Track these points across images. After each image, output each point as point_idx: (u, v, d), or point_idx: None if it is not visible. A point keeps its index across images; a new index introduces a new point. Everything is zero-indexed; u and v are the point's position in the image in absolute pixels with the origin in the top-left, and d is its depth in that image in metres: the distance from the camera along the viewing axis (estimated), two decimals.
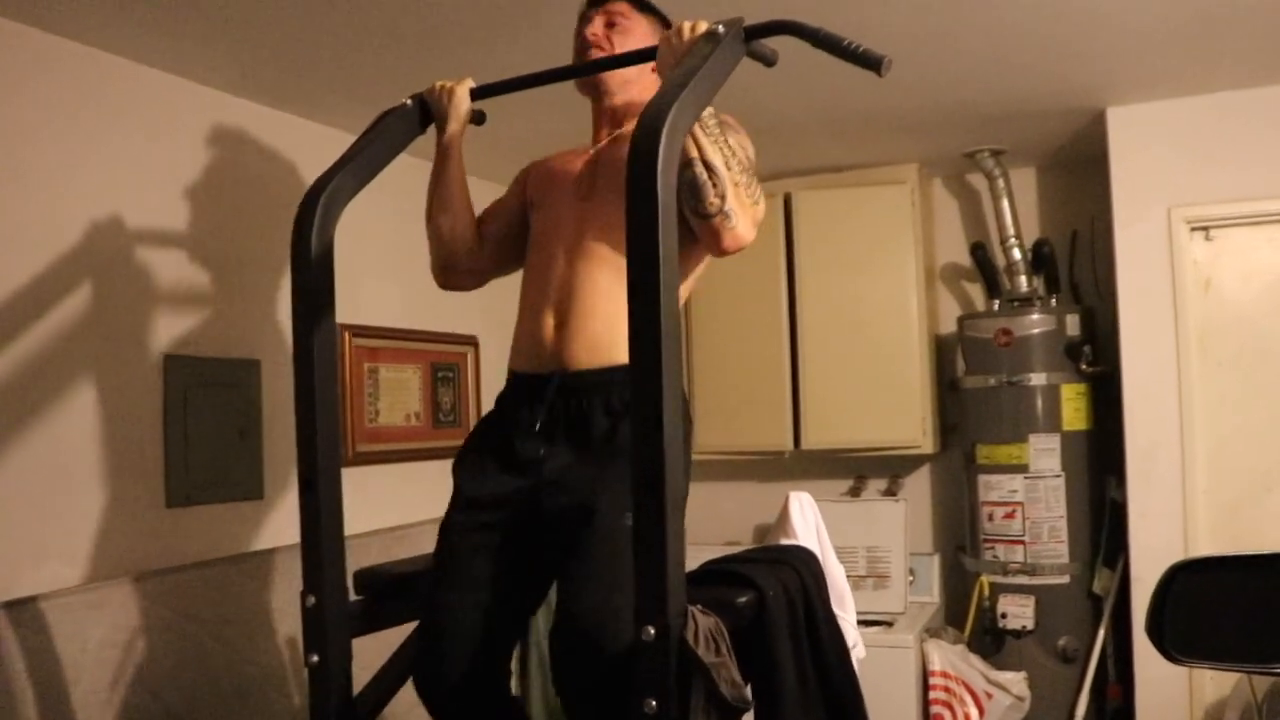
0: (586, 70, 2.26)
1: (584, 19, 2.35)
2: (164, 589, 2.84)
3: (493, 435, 2.25)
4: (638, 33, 2.28)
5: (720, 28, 1.90)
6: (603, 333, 2.11)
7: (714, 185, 1.95)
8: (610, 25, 2.29)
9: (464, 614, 2.15)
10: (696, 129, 1.93)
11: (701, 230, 2.02)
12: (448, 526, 2.23)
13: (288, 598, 3.10)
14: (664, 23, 2.32)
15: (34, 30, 2.68)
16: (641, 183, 1.60)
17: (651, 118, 1.65)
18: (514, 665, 3.13)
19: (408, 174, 2.53)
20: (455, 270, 2.44)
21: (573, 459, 2.11)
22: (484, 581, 2.15)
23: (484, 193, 2.55)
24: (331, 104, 3.38)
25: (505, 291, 2.54)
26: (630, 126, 2.05)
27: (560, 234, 2.24)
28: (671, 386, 1.60)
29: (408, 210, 2.56)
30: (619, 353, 1.88)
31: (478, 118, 2.40)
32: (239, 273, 3.21)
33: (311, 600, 2.05)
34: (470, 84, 2.35)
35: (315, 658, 2.04)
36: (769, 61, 2.02)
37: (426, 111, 2.37)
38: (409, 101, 2.36)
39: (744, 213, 2.02)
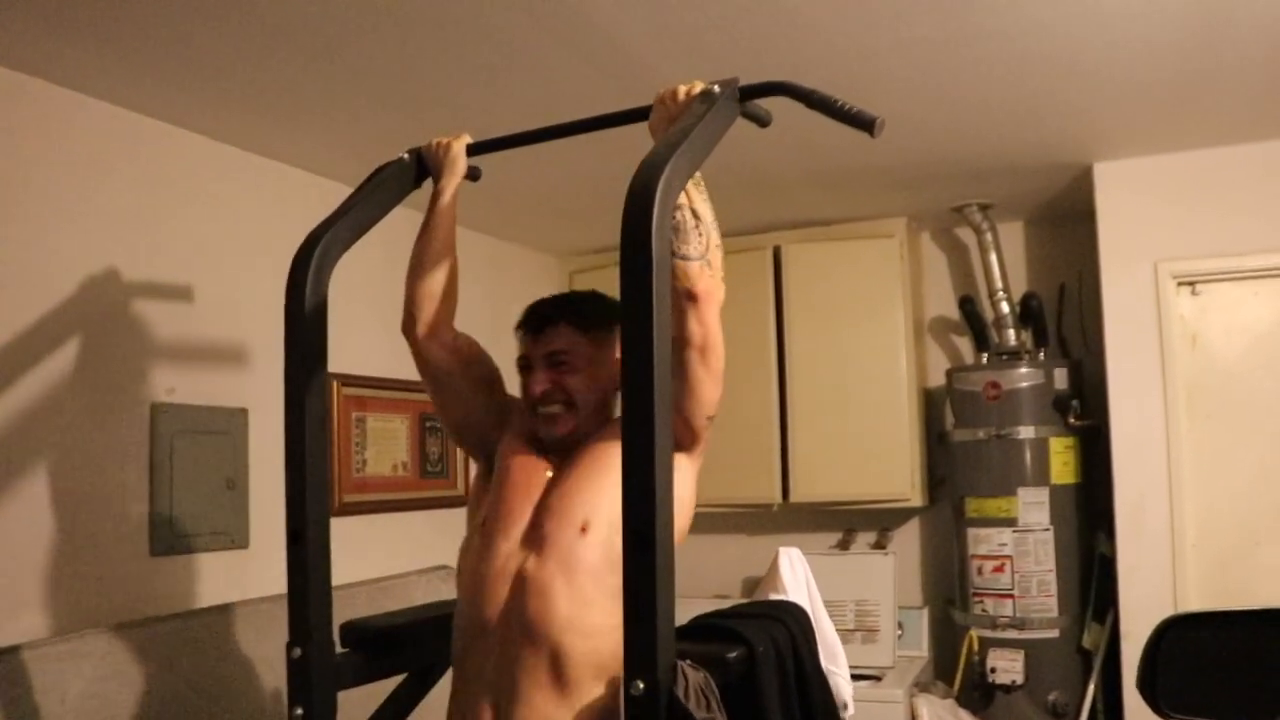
0: (584, 128, 2.24)
1: (524, 363, 2.21)
2: (146, 639, 2.80)
3: None
4: (591, 357, 2.16)
5: (715, 88, 1.91)
6: None
7: (699, 233, 1.92)
8: (560, 368, 2.15)
9: None
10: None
11: (678, 271, 1.89)
12: None
13: (272, 649, 3.06)
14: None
15: (29, 78, 2.69)
16: (634, 243, 1.59)
17: (645, 176, 1.62)
18: None
19: (401, 224, 2.53)
20: (415, 322, 2.26)
21: None
22: None
23: (477, 245, 2.55)
24: (327, 156, 3.40)
25: (496, 343, 2.53)
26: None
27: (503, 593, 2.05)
28: (663, 450, 1.58)
29: (399, 260, 2.56)
30: None
31: (473, 174, 2.40)
32: (228, 322, 3.21)
33: (297, 652, 2.02)
34: (467, 139, 2.35)
35: (299, 711, 2.01)
36: (763, 122, 2.03)
37: (423, 166, 2.37)
38: (405, 156, 2.36)
39: (719, 275, 1.95)
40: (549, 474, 2.13)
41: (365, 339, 3.67)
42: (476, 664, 2.04)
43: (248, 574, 3.21)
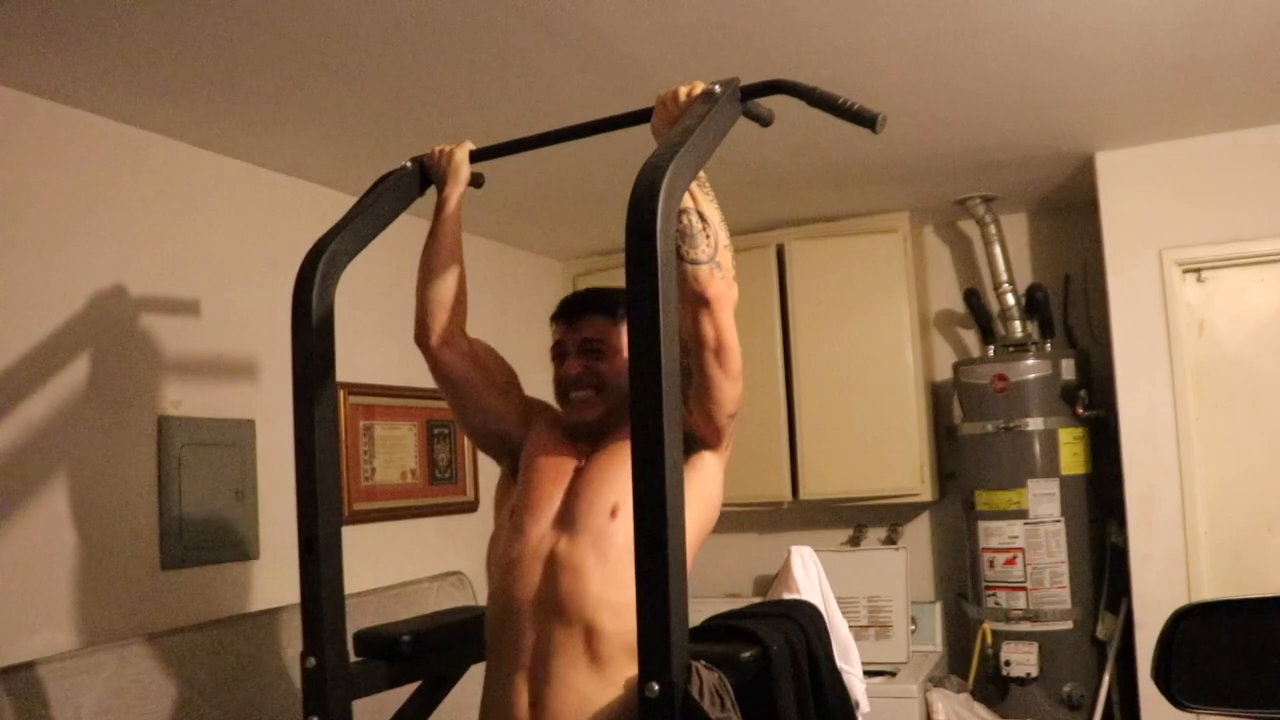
0: (586, 131, 2.24)
1: (558, 350, 2.26)
2: (159, 653, 2.80)
3: None
4: (620, 347, 2.17)
5: (717, 88, 1.90)
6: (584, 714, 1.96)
7: (706, 236, 1.91)
8: (592, 355, 2.20)
9: None
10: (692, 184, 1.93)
11: (688, 276, 1.90)
12: None
13: (285, 660, 3.07)
14: None
15: (32, 97, 2.70)
16: (639, 244, 1.59)
17: (648, 177, 1.62)
18: None
19: (405, 232, 2.53)
20: (428, 331, 2.27)
21: None
22: None
23: (481, 250, 2.55)
24: (330, 166, 3.40)
25: (502, 346, 2.53)
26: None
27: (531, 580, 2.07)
28: (673, 452, 1.58)
29: (404, 268, 2.56)
30: None
31: (476, 180, 2.40)
32: (234, 334, 3.21)
33: (311, 662, 2.02)
34: (470, 146, 2.35)
35: None
36: (765, 121, 2.02)
37: (426, 174, 2.37)
38: (409, 164, 2.36)
39: (730, 276, 1.94)
40: (577, 464, 2.16)
41: (370, 347, 3.67)
42: (511, 645, 2.05)
43: (259, 585, 3.21)
